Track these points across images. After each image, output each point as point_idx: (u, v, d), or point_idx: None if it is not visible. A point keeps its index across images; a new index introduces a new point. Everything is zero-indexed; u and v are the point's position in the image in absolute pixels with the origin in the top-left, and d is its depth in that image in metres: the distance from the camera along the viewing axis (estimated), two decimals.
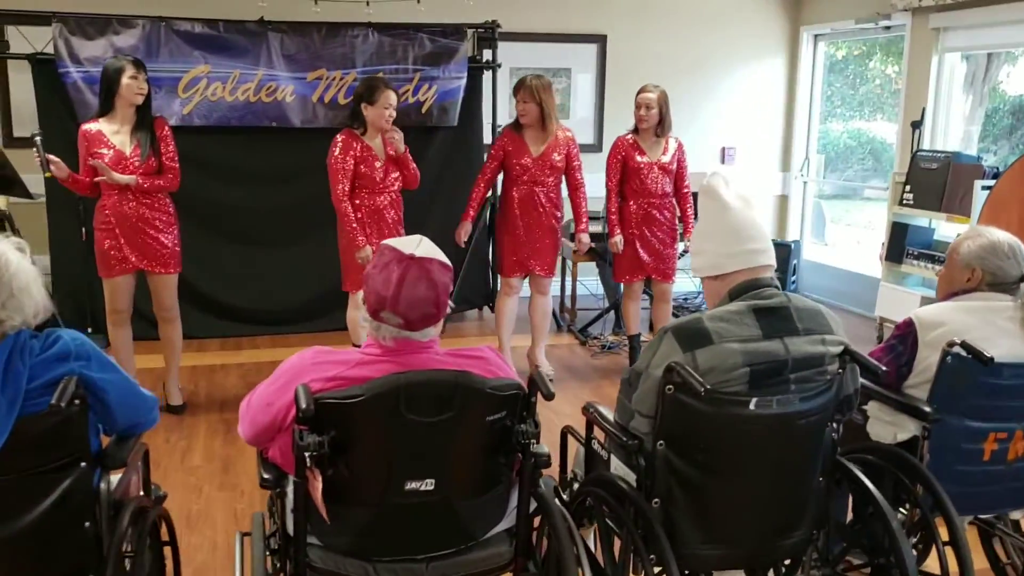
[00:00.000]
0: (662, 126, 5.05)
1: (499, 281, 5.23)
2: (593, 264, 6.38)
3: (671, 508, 2.13)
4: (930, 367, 2.44)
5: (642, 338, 5.35)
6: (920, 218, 5.85)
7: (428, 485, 1.92)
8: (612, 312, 6.19)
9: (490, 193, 5.45)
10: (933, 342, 2.44)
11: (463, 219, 5.01)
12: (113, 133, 4.22)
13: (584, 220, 5.05)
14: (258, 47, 5.64)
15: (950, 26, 5.93)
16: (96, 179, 4.18)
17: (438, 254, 1.97)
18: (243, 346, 5.75)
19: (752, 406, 2.04)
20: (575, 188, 5.03)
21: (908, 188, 5.84)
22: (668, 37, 7.12)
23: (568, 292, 6.46)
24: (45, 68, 5.39)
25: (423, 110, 5.93)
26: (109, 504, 1.93)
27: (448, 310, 1.98)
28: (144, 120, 4.27)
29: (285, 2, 5.70)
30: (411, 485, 1.91)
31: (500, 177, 5.09)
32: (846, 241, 8.68)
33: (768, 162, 7.63)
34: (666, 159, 5.09)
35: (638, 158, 5.05)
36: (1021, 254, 2.55)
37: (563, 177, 4.99)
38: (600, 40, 7.05)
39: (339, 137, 4.55)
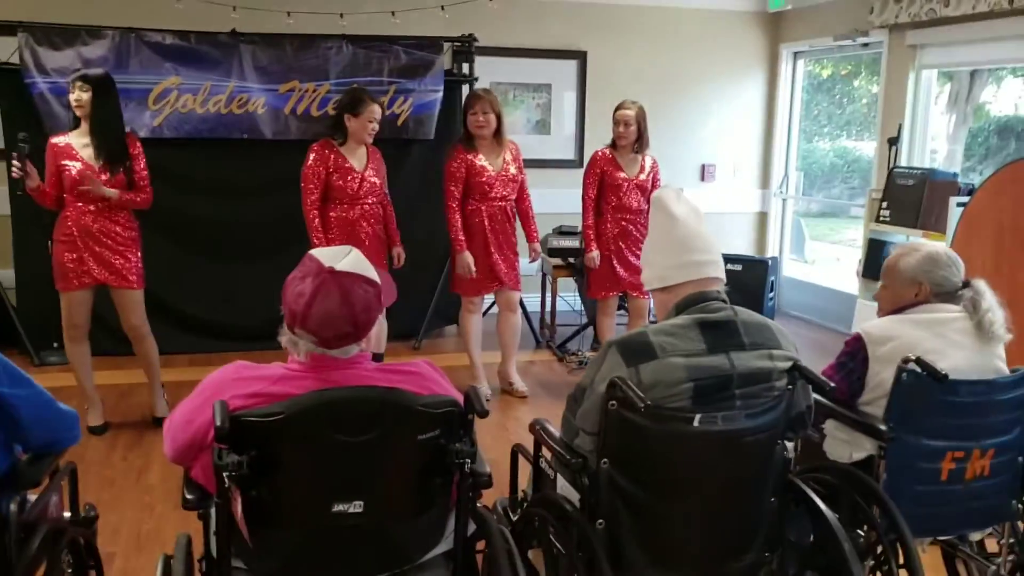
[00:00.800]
0: (640, 143, 5.01)
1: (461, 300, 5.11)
2: (572, 280, 6.32)
3: (616, 529, 2.05)
4: (883, 383, 2.38)
5: None
6: (897, 235, 5.80)
7: (357, 507, 1.83)
8: (591, 328, 6.13)
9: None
10: (884, 357, 2.39)
11: (462, 249, 4.77)
12: (82, 147, 4.16)
13: (536, 231, 5.03)
14: (230, 59, 5.58)
15: (927, 43, 5.91)
16: (82, 187, 4.10)
17: (364, 269, 1.90)
18: (212, 362, 5.61)
19: (696, 422, 1.97)
20: (525, 198, 4.98)
21: (885, 205, 5.80)
22: (648, 54, 7.10)
23: (548, 308, 6.39)
24: (10, 78, 5.31)
25: (399, 123, 5.88)
26: (18, 527, 1.83)
27: (376, 328, 1.91)
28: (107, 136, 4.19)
29: (258, 14, 5.65)
30: (338, 507, 1.83)
31: None
32: (827, 258, 8.64)
33: (748, 179, 7.59)
34: (643, 176, 5.04)
35: (617, 175, 5.00)
36: (957, 262, 2.54)
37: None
38: (580, 56, 7.02)
39: (314, 147, 4.57)
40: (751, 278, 6.50)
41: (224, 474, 1.73)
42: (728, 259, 6.42)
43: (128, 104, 5.42)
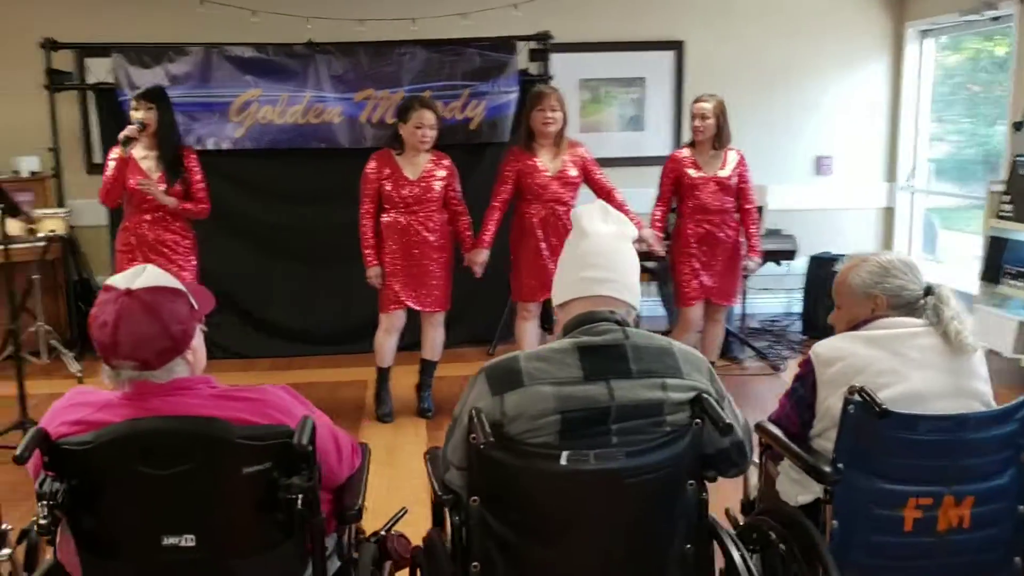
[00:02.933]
0: (720, 138, 4.68)
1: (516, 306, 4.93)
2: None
3: (491, 574, 1.86)
4: (831, 410, 2.05)
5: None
6: (1020, 232, 5.14)
7: (188, 541, 1.74)
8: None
9: None
10: (831, 381, 2.05)
11: (480, 245, 4.63)
12: (141, 159, 4.33)
13: (635, 218, 4.72)
14: (306, 69, 5.68)
15: None
16: (142, 184, 4.24)
17: (165, 282, 1.81)
18: (292, 365, 5.78)
19: (563, 460, 1.76)
20: (609, 194, 4.71)
21: (1008, 198, 5.16)
22: (753, 41, 6.65)
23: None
24: (107, 96, 5.63)
25: (471, 127, 5.79)
26: None
27: (195, 336, 1.81)
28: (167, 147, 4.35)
29: (331, 24, 5.71)
30: (169, 540, 1.74)
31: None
32: (964, 256, 7.80)
33: (871, 172, 6.98)
34: (724, 173, 4.70)
35: (692, 173, 4.69)
36: (915, 268, 2.20)
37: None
38: (677, 47, 6.67)
39: (373, 155, 4.61)
40: None
41: (41, 502, 1.69)
42: (833, 260, 6.01)
43: (212, 117, 5.67)
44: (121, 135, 4.18)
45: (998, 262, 5.17)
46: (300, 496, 1.75)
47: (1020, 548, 2.05)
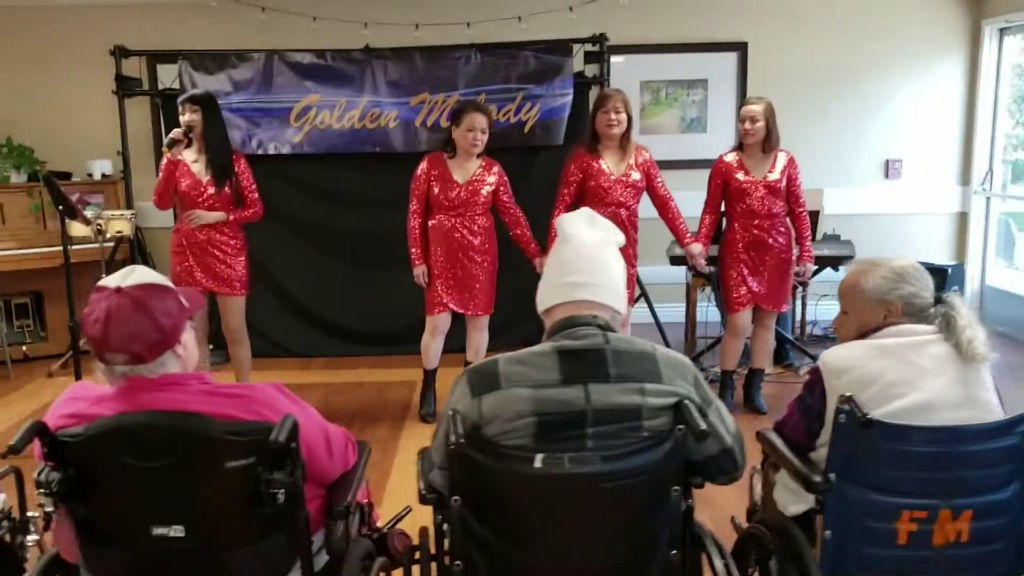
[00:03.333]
0: (769, 141, 4.59)
1: None
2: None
3: (473, 574, 1.86)
4: None
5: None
6: None
7: (178, 532, 1.79)
8: None
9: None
10: (839, 391, 1.98)
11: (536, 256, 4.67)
12: (192, 163, 4.45)
13: (687, 232, 4.70)
14: (363, 74, 5.77)
15: None
16: (190, 220, 4.38)
17: (153, 278, 1.87)
18: (346, 365, 5.88)
19: (538, 463, 1.75)
20: (665, 203, 4.68)
21: None
22: (819, 41, 6.51)
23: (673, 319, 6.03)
24: (173, 102, 5.81)
25: (525, 130, 5.80)
26: None
27: (184, 331, 1.87)
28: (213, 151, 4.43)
29: (388, 29, 5.81)
30: (159, 531, 1.80)
31: None
32: None
33: (943, 175, 6.73)
34: (773, 176, 4.60)
35: (740, 176, 4.61)
36: (926, 275, 2.15)
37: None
38: (740, 48, 6.56)
39: (425, 157, 4.68)
40: None
41: (39, 491, 1.77)
42: None
43: (272, 122, 5.81)
44: (167, 138, 4.31)
45: None
46: (282, 491, 1.79)
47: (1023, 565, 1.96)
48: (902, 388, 1.95)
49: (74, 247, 5.47)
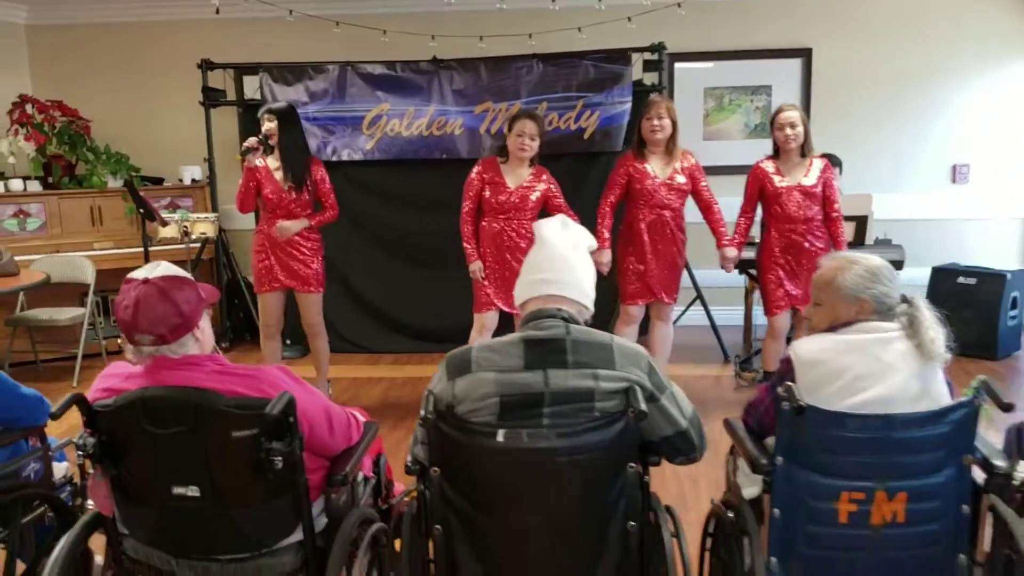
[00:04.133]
0: (806, 145, 4.69)
1: (617, 308, 5.11)
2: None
3: (451, 539, 2.10)
4: None
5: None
6: None
7: (193, 491, 2.08)
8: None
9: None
10: (811, 385, 2.13)
11: (602, 246, 4.75)
12: (275, 169, 4.79)
13: (725, 235, 4.82)
14: (431, 84, 6.07)
15: None
16: (279, 234, 4.70)
17: (176, 272, 2.16)
18: (412, 360, 6.18)
19: (500, 437, 1.97)
20: (708, 207, 4.82)
21: None
22: (883, 46, 6.49)
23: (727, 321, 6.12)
24: (254, 112, 6.23)
25: (585, 136, 5.99)
26: None
27: (202, 318, 2.15)
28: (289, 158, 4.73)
29: (453, 40, 6.08)
30: (178, 490, 2.08)
31: None
32: None
33: (1013, 180, 6.61)
34: (809, 181, 4.69)
35: (776, 181, 4.72)
36: (895, 275, 2.28)
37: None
38: (804, 54, 6.60)
39: (479, 161, 4.90)
40: (985, 293, 5.70)
41: (77, 452, 2.09)
42: (962, 272, 5.80)
43: (346, 130, 6.17)
44: (242, 146, 4.67)
45: None
46: (280, 458, 2.06)
47: (963, 546, 2.08)
48: (867, 382, 2.09)
49: (163, 248, 5.96)
